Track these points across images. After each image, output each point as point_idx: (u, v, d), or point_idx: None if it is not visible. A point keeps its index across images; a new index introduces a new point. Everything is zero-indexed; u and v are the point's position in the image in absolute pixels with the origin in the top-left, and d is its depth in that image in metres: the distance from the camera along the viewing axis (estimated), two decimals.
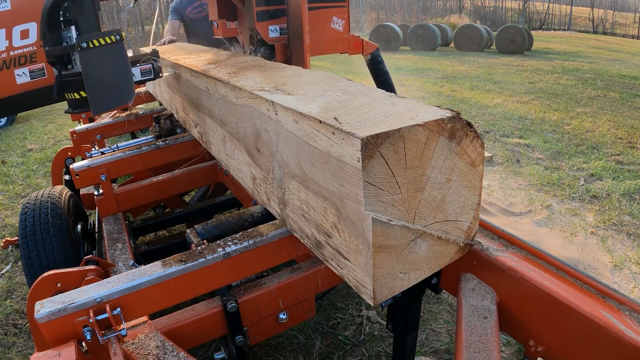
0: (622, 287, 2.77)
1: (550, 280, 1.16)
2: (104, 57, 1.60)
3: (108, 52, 1.60)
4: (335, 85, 1.32)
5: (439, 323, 2.45)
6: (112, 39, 1.61)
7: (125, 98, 1.72)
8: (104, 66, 1.62)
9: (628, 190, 4.09)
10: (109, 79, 1.66)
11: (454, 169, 1.00)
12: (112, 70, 1.65)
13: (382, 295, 1.00)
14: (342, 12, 2.79)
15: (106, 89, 1.65)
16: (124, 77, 1.69)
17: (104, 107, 1.71)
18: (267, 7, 2.61)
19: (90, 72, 1.58)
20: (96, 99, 1.61)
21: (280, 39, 2.70)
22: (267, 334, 1.55)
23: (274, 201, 1.43)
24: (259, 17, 2.61)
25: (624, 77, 10.24)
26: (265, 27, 2.64)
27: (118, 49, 1.64)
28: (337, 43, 2.85)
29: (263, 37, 2.65)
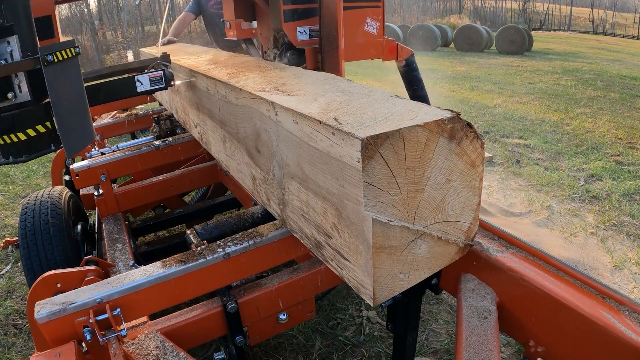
0: (622, 287, 2.77)
1: (550, 280, 1.16)
2: (67, 76, 1.34)
3: (70, 69, 1.35)
4: (335, 86, 1.32)
5: (439, 323, 2.44)
6: (72, 52, 1.35)
7: (90, 132, 1.46)
8: (69, 88, 1.35)
9: (628, 190, 4.09)
10: (75, 105, 1.39)
11: (454, 170, 1.00)
12: (75, 93, 1.40)
13: (382, 295, 1.01)
14: (376, 13, 2.48)
15: (76, 119, 1.38)
16: (83, 104, 1.44)
17: (80, 144, 1.41)
18: (296, 5, 2.32)
19: (59, 95, 1.28)
20: (71, 133, 1.33)
21: (309, 42, 2.41)
22: (267, 334, 1.55)
23: (274, 202, 1.43)
24: (287, 17, 2.31)
25: (624, 77, 10.24)
26: (294, 29, 2.35)
27: (75, 66, 1.39)
28: (371, 48, 2.54)
29: (291, 39, 2.37)
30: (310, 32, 2.41)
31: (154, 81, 1.81)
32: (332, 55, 2.26)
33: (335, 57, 2.26)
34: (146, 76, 1.81)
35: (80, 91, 1.42)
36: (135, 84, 1.80)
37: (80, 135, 1.43)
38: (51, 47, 1.25)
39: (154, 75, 1.81)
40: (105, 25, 21.12)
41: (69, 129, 1.34)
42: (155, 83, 1.81)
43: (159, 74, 1.83)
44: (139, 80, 1.80)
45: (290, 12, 2.32)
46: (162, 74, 1.83)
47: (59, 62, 1.27)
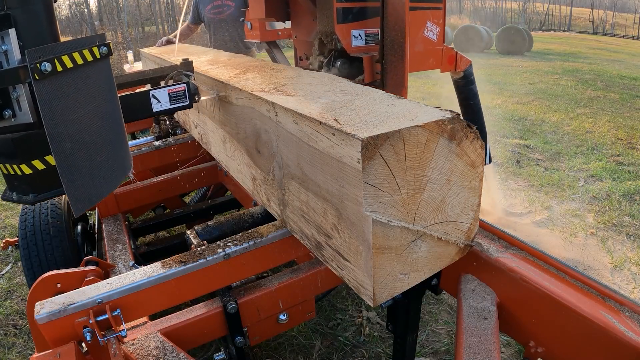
0: (622, 288, 2.77)
1: (550, 281, 1.16)
2: (82, 91, 0.97)
3: (89, 80, 0.99)
4: (335, 86, 1.32)
5: (439, 324, 2.44)
6: (95, 53, 0.99)
7: (123, 168, 1.15)
8: (84, 109, 0.98)
9: (628, 191, 4.08)
10: (96, 135, 1.01)
11: (454, 170, 1.00)
12: (98, 116, 1.02)
13: (382, 296, 1.00)
14: (437, 16, 2.12)
15: (92, 157, 1.01)
16: (115, 128, 1.10)
17: (95, 194, 1.03)
18: (352, 3, 1.97)
19: (59, 122, 0.91)
20: (82, 181, 0.98)
21: (364, 49, 2.06)
22: (267, 334, 1.55)
23: (274, 202, 1.43)
24: (341, 18, 1.94)
25: (624, 77, 10.24)
26: (348, 32, 1.96)
27: (104, 73, 1.05)
28: (430, 57, 2.15)
29: (344, 45, 2.00)
30: (366, 37, 2.04)
31: (174, 97, 1.42)
32: (396, 66, 1.86)
33: (400, 69, 1.87)
34: (164, 91, 1.40)
35: (111, 113, 1.07)
36: (149, 100, 1.40)
37: (98, 183, 1.04)
38: (54, 49, 0.89)
39: (174, 89, 1.42)
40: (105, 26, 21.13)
41: (78, 173, 0.97)
42: (177, 100, 1.43)
43: (181, 88, 1.43)
44: (155, 97, 1.40)
45: (344, 11, 1.96)
46: (185, 88, 1.43)
47: (64, 72, 0.91)
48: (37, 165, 1.03)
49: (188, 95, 1.47)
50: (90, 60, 0.99)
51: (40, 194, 1.04)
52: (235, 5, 3.96)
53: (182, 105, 1.47)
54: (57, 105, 0.91)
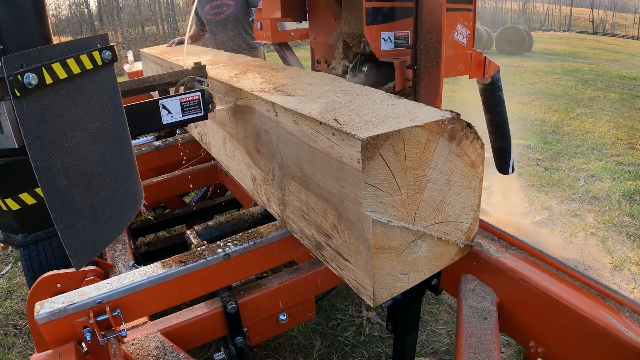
0: (622, 288, 2.77)
1: (550, 281, 1.16)
2: (80, 109, 0.80)
3: (89, 94, 0.81)
4: (335, 86, 1.32)
5: (439, 324, 2.44)
6: (96, 59, 0.82)
7: (134, 202, 0.99)
8: (83, 132, 0.80)
9: (628, 191, 4.08)
10: (98, 164, 0.84)
11: (454, 170, 1.00)
12: (100, 139, 0.85)
13: (382, 296, 1.00)
14: (467, 18, 1.99)
15: (95, 194, 0.82)
16: (122, 152, 0.93)
17: (98, 241, 0.85)
18: (383, 2, 1.81)
19: (50, 152, 0.72)
20: (79, 224, 0.77)
21: (393, 53, 1.89)
22: (267, 334, 1.55)
23: (274, 202, 1.43)
24: (370, 18, 1.77)
25: (624, 77, 10.24)
26: (377, 35, 1.80)
27: (107, 84, 0.88)
28: (459, 62, 2.03)
29: (373, 49, 1.83)
30: (395, 40, 1.87)
31: (187, 107, 1.27)
32: (430, 72, 1.70)
33: (434, 76, 1.70)
34: (175, 100, 1.24)
35: (117, 135, 0.88)
36: (159, 111, 1.24)
37: (103, 226, 0.85)
38: (40, 54, 0.68)
39: (187, 98, 1.26)
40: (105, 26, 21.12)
41: (78, 216, 0.78)
42: (190, 110, 1.27)
43: (194, 97, 1.26)
44: (165, 107, 1.25)
45: (374, 11, 1.79)
46: (199, 97, 1.26)
47: (57, 85, 0.73)
48: (26, 200, 0.88)
49: (203, 105, 1.29)
50: (90, 68, 0.80)
51: (32, 233, 0.86)
52: (234, 5, 3.88)
53: (196, 116, 1.30)
54: (46, 130, 0.70)
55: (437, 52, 1.68)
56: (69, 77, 0.77)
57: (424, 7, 1.62)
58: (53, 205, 0.73)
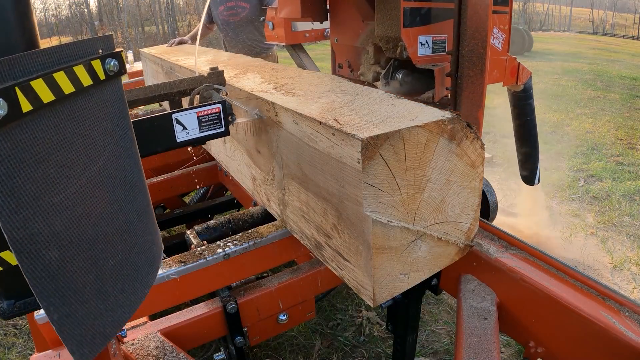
0: (622, 288, 2.77)
1: (550, 281, 1.16)
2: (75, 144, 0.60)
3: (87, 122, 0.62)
4: (335, 86, 1.32)
5: (439, 324, 2.44)
6: (97, 71, 0.63)
7: (152, 262, 0.75)
8: (81, 179, 0.60)
9: (628, 191, 4.08)
10: (105, 221, 0.64)
11: (454, 170, 1.00)
12: (105, 185, 0.65)
13: (382, 296, 1.00)
14: (503, 22, 1.85)
15: (100, 264, 0.62)
16: (136, 197, 0.72)
17: (108, 325, 0.64)
18: (421, 3, 1.63)
19: (32, 215, 0.52)
20: (80, 309, 0.59)
21: (430, 59, 1.72)
22: (267, 335, 1.55)
23: (274, 202, 1.43)
24: (408, 20, 1.61)
25: (624, 78, 10.24)
26: (414, 38, 1.64)
27: (113, 105, 0.68)
28: (494, 68, 1.87)
29: (410, 54, 1.66)
30: (433, 45, 1.71)
31: (206, 122, 1.09)
32: (474, 81, 1.54)
33: (478, 86, 1.54)
34: (192, 114, 1.07)
35: (128, 174, 0.70)
36: (172, 127, 1.07)
37: (113, 304, 0.65)
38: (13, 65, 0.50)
39: (206, 111, 1.09)
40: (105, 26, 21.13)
41: (78, 298, 0.58)
42: (209, 125, 1.10)
43: (214, 110, 1.09)
44: (180, 122, 1.08)
45: (412, 12, 1.61)
46: (220, 110, 1.10)
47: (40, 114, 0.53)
48: (9, 260, 0.60)
49: (223, 119, 1.11)
50: (89, 85, 0.60)
51: (20, 299, 0.62)
52: (250, 7, 3.75)
53: (216, 132, 1.12)
54: (25, 182, 0.50)
55: (482, 59, 1.52)
56: (57, 99, 0.55)
57: (469, 9, 1.45)
58: (42, 290, 0.52)
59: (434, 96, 1.69)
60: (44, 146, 0.53)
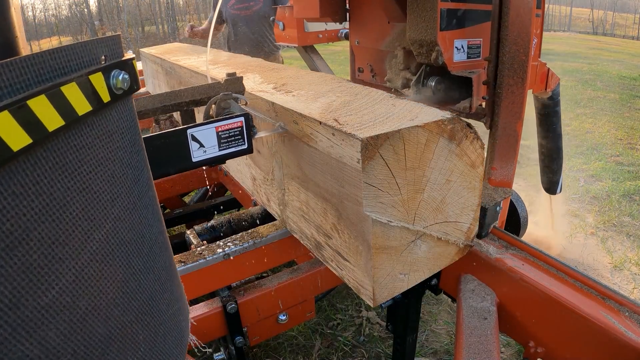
0: (622, 288, 2.77)
1: (550, 281, 1.16)
2: (66, 209, 0.41)
3: (88, 170, 0.44)
4: (335, 86, 1.32)
5: (439, 324, 2.44)
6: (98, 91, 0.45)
7: (180, 339, 0.62)
8: (77, 260, 0.42)
9: (628, 191, 4.09)
10: (116, 310, 0.47)
11: (453, 170, 1.00)
12: (116, 256, 0.48)
13: (382, 296, 1.00)
14: (536, 25, 1.73)
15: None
16: (158, 260, 0.57)
17: None
18: (459, 4, 1.51)
19: (8, 327, 0.33)
20: None
21: (465, 65, 1.59)
22: (266, 334, 1.55)
23: (273, 202, 1.43)
24: (445, 22, 1.49)
25: (624, 78, 10.24)
26: (450, 42, 1.53)
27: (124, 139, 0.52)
28: None
29: (446, 60, 1.53)
30: (468, 50, 1.59)
31: (226, 138, 0.97)
32: (513, 91, 1.42)
33: (518, 95, 1.43)
34: (210, 129, 0.94)
35: (149, 242, 0.55)
36: (187, 145, 0.94)
37: None
38: None
39: (226, 125, 0.96)
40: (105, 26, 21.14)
41: None
42: (230, 142, 0.98)
43: (236, 124, 0.97)
44: (196, 139, 0.95)
45: (449, 14, 1.49)
46: (242, 124, 0.99)
47: (7, 168, 0.35)
48: None
49: (246, 134, 0.99)
50: (86, 112, 0.43)
51: None
52: (263, 1, 3.57)
53: (238, 150, 1.00)
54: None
55: (523, 67, 1.40)
56: (37, 141, 0.37)
57: (511, 12, 1.33)
58: None
59: (471, 106, 1.55)
60: (18, 221, 0.34)
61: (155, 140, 0.91)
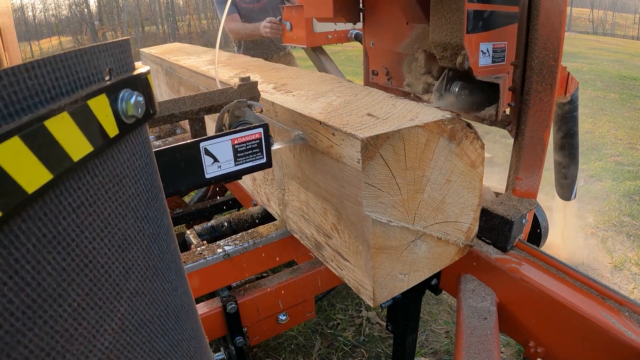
0: (622, 288, 2.77)
1: (550, 281, 1.16)
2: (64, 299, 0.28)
3: (88, 230, 0.32)
4: (335, 86, 1.32)
5: (439, 324, 2.44)
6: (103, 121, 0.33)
7: None
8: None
9: (628, 191, 4.09)
10: None
11: (454, 170, 1.00)
12: (145, 341, 0.39)
13: (382, 296, 1.00)
14: None
15: None
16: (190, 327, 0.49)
17: None
18: (486, 5, 1.44)
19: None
20: None
21: (490, 70, 1.52)
22: (266, 334, 1.55)
23: (273, 202, 1.43)
24: (471, 25, 1.41)
25: (624, 77, 10.24)
26: (476, 46, 1.46)
27: (139, 181, 0.40)
28: None
29: (472, 64, 1.45)
30: (493, 54, 1.52)
31: (243, 151, 0.89)
32: (542, 98, 1.35)
33: (547, 103, 1.36)
34: (225, 142, 0.87)
35: (174, 311, 0.46)
36: (200, 160, 0.86)
37: None
38: None
39: (244, 138, 0.89)
40: (105, 26, 21.14)
41: None
42: (247, 155, 0.90)
43: (254, 136, 0.90)
44: (210, 153, 0.87)
45: (475, 16, 1.42)
46: (261, 136, 0.91)
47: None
48: None
49: (265, 147, 0.91)
50: (87, 154, 0.32)
51: None
52: None
53: (256, 164, 0.92)
54: None
55: (552, 73, 1.33)
56: (10, 212, 0.25)
57: (541, 15, 1.26)
58: None
59: (497, 113, 1.46)
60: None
61: (164, 155, 0.82)
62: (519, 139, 1.42)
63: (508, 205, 1.32)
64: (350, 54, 13.18)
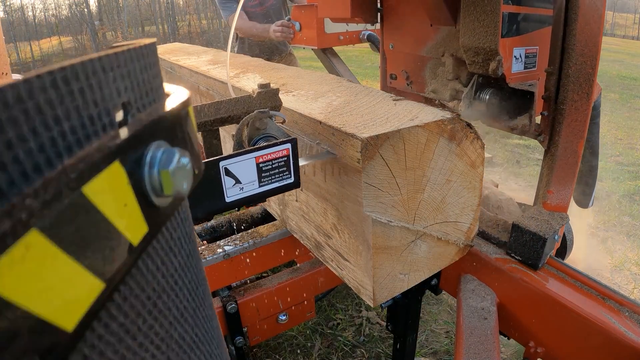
0: (622, 288, 2.77)
1: (550, 281, 1.16)
2: None
3: None
4: (335, 86, 1.32)
5: (439, 324, 2.44)
6: (125, 226, 0.20)
7: None
8: None
9: (628, 191, 4.09)
10: None
11: (454, 170, 1.00)
12: None
13: (382, 296, 1.00)
14: None
15: None
16: None
17: None
18: (520, 7, 1.36)
19: None
20: None
21: (523, 76, 1.44)
22: (266, 335, 1.55)
23: (273, 202, 1.43)
24: (506, 29, 1.34)
25: (624, 77, 10.24)
26: (510, 51, 1.39)
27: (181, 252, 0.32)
28: None
29: (505, 70, 1.36)
30: (525, 60, 1.44)
31: (267, 171, 0.78)
32: (578, 107, 1.28)
33: (582, 112, 1.29)
34: (249, 160, 0.76)
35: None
36: (220, 180, 0.74)
37: None
38: None
39: (269, 155, 0.78)
40: (105, 26, 21.15)
41: None
42: (272, 175, 0.79)
43: (281, 153, 0.79)
44: (230, 173, 0.75)
45: (510, 19, 1.34)
46: (289, 152, 0.80)
47: None
48: None
49: (293, 165, 0.80)
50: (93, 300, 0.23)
51: None
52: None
53: (282, 185, 0.81)
54: None
55: (590, 81, 1.25)
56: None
57: (580, 19, 1.17)
58: None
59: (531, 122, 1.38)
60: None
61: None
62: (551, 150, 1.36)
63: (540, 220, 1.23)
64: (350, 53, 13.17)
